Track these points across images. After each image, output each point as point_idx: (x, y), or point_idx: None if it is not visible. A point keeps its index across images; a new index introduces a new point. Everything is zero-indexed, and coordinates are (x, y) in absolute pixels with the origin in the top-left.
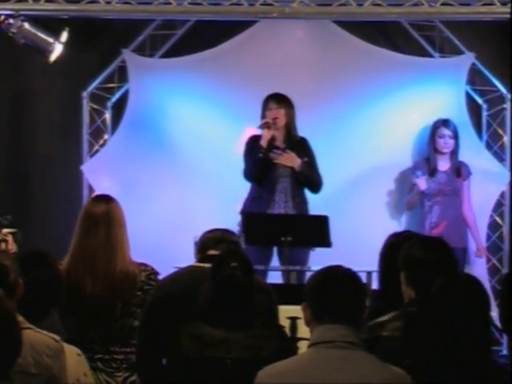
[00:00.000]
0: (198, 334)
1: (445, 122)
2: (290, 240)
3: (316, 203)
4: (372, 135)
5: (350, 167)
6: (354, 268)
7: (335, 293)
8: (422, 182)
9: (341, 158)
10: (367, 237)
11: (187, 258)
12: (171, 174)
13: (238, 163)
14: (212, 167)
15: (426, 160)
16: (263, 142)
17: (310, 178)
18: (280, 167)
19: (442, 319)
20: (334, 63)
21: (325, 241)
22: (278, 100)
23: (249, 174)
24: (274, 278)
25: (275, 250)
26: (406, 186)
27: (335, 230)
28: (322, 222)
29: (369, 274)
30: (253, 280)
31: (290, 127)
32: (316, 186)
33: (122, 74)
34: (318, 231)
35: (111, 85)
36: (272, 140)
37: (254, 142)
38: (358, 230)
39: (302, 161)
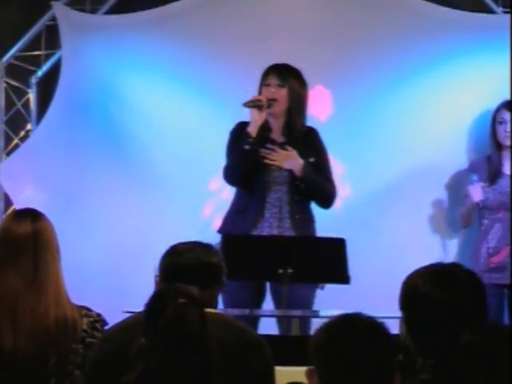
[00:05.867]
0: None
1: (508, 104)
2: (291, 273)
3: (327, 221)
4: (411, 123)
5: (378, 169)
6: (382, 313)
7: (352, 351)
8: (477, 191)
9: (366, 155)
10: (402, 269)
11: (145, 298)
12: (122, 179)
13: (218, 163)
14: (180, 170)
15: (487, 159)
16: (251, 129)
17: (316, 186)
18: (274, 170)
19: None
20: (358, 23)
21: (341, 275)
22: (282, 74)
23: (229, 173)
24: (268, 326)
25: (269, 287)
26: (460, 196)
27: (355, 260)
28: (336, 248)
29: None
30: (205, 326)
31: (294, 114)
32: (326, 197)
33: (51, 38)
34: (330, 261)
35: (36, 52)
36: (265, 128)
37: (241, 129)
38: (389, 259)
39: (305, 161)
